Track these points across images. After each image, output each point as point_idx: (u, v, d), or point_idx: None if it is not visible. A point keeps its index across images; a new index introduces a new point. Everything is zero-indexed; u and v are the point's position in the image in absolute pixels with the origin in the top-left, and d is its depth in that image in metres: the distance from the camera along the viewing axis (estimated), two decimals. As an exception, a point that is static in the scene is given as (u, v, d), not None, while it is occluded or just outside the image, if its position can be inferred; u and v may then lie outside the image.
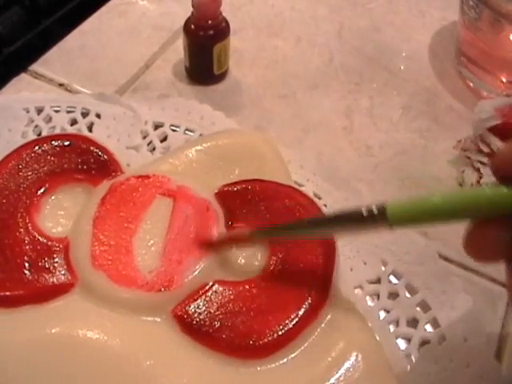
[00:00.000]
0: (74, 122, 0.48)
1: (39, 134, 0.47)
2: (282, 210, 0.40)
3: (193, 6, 0.49)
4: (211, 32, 0.50)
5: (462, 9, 0.54)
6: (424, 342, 0.37)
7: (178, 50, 0.55)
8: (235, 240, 0.38)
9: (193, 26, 0.50)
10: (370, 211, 0.30)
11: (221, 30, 0.51)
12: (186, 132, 0.48)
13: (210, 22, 0.50)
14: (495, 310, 0.40)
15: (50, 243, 0.38)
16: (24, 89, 0.52)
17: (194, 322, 0.35)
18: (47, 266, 0.37)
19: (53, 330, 0.34)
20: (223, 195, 0.41)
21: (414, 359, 0.36)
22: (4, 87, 0.52)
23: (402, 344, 0.37)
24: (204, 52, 0.52)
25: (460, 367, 0.35)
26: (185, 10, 0.51)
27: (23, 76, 0.54)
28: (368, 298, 0.39)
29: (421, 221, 0.29)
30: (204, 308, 0.35)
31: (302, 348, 0.35)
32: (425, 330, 0.38)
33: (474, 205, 0.27)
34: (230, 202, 0.40)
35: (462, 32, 0.56)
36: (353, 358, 0.35)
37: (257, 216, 0.40)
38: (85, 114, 0.48)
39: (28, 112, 0.48)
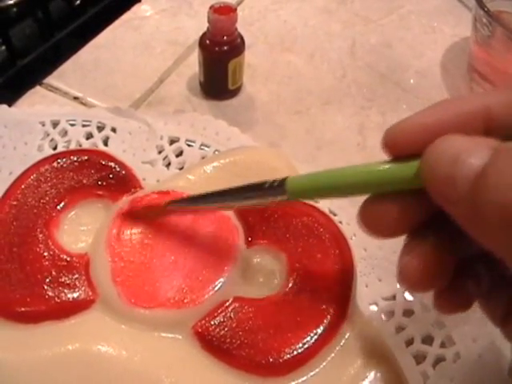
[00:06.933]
0: (89, 136, 0.48)
1: (55, 148, 0.47)
2: (301, 227, 0.40)
3: (208, 22, 0.49)
4: (226, 48, 0.50)
5: (475, 26, 0.54)
6: (439, 360, 0.37)
7: (192, 65, 0.56)
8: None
9: (208, 42, 0.50)
10: (272, 183, 0.31)
11: (236, 46, 0.51)
12: (202, 147, 0.48)
13: (225, 37, 0.50)
14: (509, 328, 0.40)
15: (70, 259, 0.38)
16: (39, 102, 0.52)
17: (215, 339, 0.35)
18: (67, 281, 0.36)
19: (73, 347, 0.34)
20: (242, 211, 0.41)
21: (429, 377, 0.36)
22: (19, 100, 0.53)
23: (417, 361, 0.37)
24: (219, 67, 0.52)
25: (474, 385, 0.36)
26: (198, 25, 0.52)
27: (38, 89, 0.54)
28: (383, 314, 0.39)
29: (318, 194, 0.30)
30: (224, 325, 0.35)
31: (321, 366, 0.35)
32: (440, 347, 0.38)
33: (366, 181, 0.26)
34: (249, 218, 0.40)
35: (474, 49, 0.56)
36: (371, 376, 0.35)
37: (276, 233, 0.40)
38: (100, 128, 0.48)
39: (44, 125, 0.48)
